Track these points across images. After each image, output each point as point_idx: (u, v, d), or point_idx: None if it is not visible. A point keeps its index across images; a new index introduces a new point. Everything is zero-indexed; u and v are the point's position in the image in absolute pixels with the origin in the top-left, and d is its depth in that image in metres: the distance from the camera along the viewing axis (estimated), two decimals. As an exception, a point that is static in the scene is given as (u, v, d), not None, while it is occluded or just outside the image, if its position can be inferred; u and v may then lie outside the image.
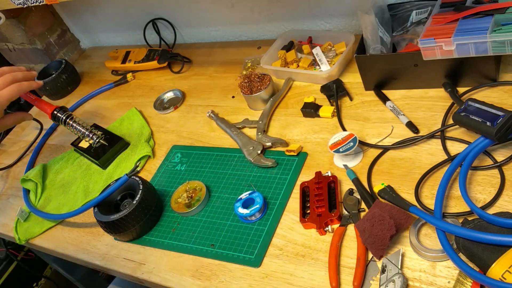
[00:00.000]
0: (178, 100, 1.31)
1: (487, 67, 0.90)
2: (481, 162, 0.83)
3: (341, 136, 0.91)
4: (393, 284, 0.71)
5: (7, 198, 1.27)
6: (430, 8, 1.00)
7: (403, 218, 0.76)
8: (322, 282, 0.77)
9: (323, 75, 1.10)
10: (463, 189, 0.75)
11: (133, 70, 1.50)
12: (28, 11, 1.59)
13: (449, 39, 0.84)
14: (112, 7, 1.59)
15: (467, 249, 0.68)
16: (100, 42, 1.77)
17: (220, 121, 1.16)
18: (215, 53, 1.42)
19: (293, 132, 1.06)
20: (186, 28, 1.52)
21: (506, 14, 0.82)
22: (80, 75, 1.62)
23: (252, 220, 0.91)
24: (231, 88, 1.26)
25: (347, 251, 0.80)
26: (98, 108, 1.44)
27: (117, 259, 0.98)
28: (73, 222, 1.11)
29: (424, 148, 0.89)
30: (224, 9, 1.38)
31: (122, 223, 0.95)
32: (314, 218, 0.84)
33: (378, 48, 0.99)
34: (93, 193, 1.15)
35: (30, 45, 1.66)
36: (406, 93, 1.01)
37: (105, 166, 1.20)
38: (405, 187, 0.84)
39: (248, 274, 0.84)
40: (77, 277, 1.62)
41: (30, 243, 1.13)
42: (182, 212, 0.98)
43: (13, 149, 1.45)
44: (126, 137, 1.24)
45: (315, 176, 0.91)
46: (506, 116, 0.76)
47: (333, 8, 1.22)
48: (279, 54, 1.21)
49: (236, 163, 1.05)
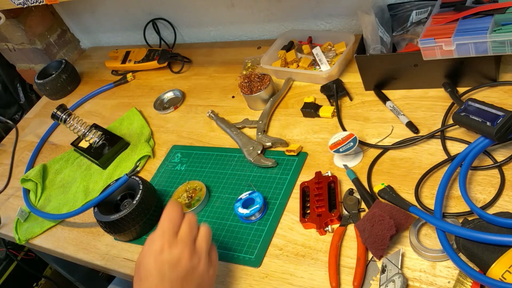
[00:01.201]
0: (178, 100, 1.31)
1: (487, 67, 0.90)
2: (481, 162, 0.83)
3: (341, 136, 0.91)
4: (393, 284, 0.71)
5: (7, 198, 1.27)
6: (430, 8, 1.00)
7: (403, 218, 0.76)
8: (322, 282, 0.77)
9: (323, 75, 1.10)
10: (463, 189, 0.75)
11: (133, 70, 1.50)
12: (28, 11, 1.59)
13: (449, 39, 0.84)
14: (112, 7, 1.59)
15: (467, 249, 0.68)
16: (100, 42, 1.77)
17: (220, 121, 1.16)
18: (215, 53, 1.42)
19: (293, 132, 1.06)
20: (186, 28, 1.52)
21: (506, 14, 0.82)
22: (80, 75, 1.62)
23: (252, 220, 0.91)
24: (231, 88, 1.26)
25: (347, 251, 0.80)
26: (98, 108, 1.44)
27: (117, 259, 0.98)
28: (73, 222, 1.11)
29: (424, 148, 0.89)
30: (224, 9, 1.38)
31: (122, 223, 0.95)
32: (314, 218, 0.84)
33: (378, 48, 0.99)
34: (93, 193, 1.15)
35: (30, 45, 1.66)
36: (406, 93, 1.01)
37: (105, 166, 1.20)
38: (405, 187, 0.84)
39: (248, 274, 0.84)
40: (77, 277, 1.62)
41: (30, 243, 1.13)
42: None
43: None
44: (126, 137, 1.24)
45: (315, 176, 0.91)
46: (506, 116, 0.76)
47: (333, 8, 1.22)
48: (279, 54, 1.21)
49: (236, 163, 1.05)
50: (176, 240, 0.69)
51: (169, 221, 0.70)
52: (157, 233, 0.69)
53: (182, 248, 0.68)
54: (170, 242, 0.68)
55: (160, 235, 0.69)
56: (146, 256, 0.68)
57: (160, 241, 0.68)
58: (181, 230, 0.70)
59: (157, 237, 0.69)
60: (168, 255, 0.67)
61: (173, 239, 0.69)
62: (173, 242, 0.68)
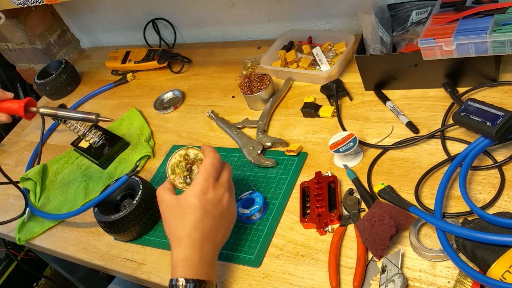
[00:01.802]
0: (178, 100, 1.31)
1: (487, 67, 0.90)
2: (481, 162, 0.83)
3: (341, 136, 0.91)
4: (393, 284, 0.71)
5: (7, 198, 1.27)
6: (430, 8, 1.00)
7: (403, 218, 0.76)
8: (322, 282, 0.77)
9: (323, 75, 1.10)
10: (463, 189, 0.75)
11: (133, 70, 1.50)
12: (28, 11, 1.59)
13: (449, 39, 0.84)
14: (112, 7, 1.59)
15: (467, 249, 0.68)
16: (100, 42, 1.77)
17: (220, 121, 1.16)
18: (215, 53, 1.42)
19: (293, 132, 1.06)
20: (186, 28, 1.52)
21: (506, 14, 0.82)
22: (80, 75, 1.62)
23: (252, 220, 0.91)
24: (231, 88, 1.26)
25: (347, 251, 0.80)
26: (98, 108, 1.44)
27: (117, 259, 0.98)
28: (73, 222, 1.11)
29: (424, 148, 0.89)
30: (224, 9, 1.38)
31: (122, 223, 0.95)
32: (314, 218, 0.84)
33: (378, 48, 0.99)
34: (93, 193, 1.15)
35: (30, 45, 1.66)
36: (406, 93, 1.01)
37: (105, 166, 1.20)
38: (405, 187, 0.84)
39: (248, 274, 0.84)
40: (77, 277, 1.62)
41: (30, 243, 1.13)
42: (181, 189, 0.86)
43: (13, 149, 1.45)
44: (126, 137, 1.24)
45: (315, 176, 0.91)
46: (506, 116, 0.76)
47: (333, 8, 1.22)
48: (279, 54, 1.21)
49: (236, 163, 1.05)
50: (218, 184, 0.81)
51: (211, 166, 0.81)
52: (201, 177, 0.79)
53: (223, 191, 0.81)
54: (213, 185, 0.80)
55: (205, 178, 0.79)
56: (190, 196, 0.78)
57: (205, 184, 0.79)
58: (223, 176, 0.82)
59: (201, 180, 0.79)
60: (212, 195, 0.79)
61: (215, 183, 0.80)
62: (216, 185, 0.80)
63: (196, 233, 0.77)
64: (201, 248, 0.76)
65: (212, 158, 0.81)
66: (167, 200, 0.81)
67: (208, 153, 0.82)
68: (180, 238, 0.77)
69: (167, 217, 0.80)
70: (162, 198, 0.82)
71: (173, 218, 0.79)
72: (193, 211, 0.77)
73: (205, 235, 0.77)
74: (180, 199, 0.79)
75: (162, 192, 0.82)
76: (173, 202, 0.80)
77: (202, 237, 0.77)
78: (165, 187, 0.83)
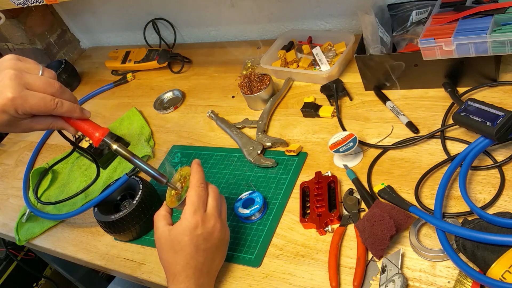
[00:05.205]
0: (178, 100, 1.31)
1: (487, 67, 0.90)
2: (481, 162, 0.83)
3: (341, 136, 0.91)
4: (393, 284, 0.71)
5: (7, 198, 1.27)
6: (430, 8, 1.00)
7: (403, 218, 0.76)
8: (322, 282, 0.77)
9: (323, 75, 1.10)
10: (463, 189, 0.75)
11: (133, 70, 1.50)
12: (28, 11, 1.59)
13: (449, 39, 0.84)
14: (112, 7, 1.59)
15: (467, 249, 0.68)
16: (100, 42, 1.77)
17: (220, 121, 1.16)
18: (215, 53, 1.42)
19: (293, 132, 1.06)
20: (186, 28, 1.52)
21: (506, 14, 0.82)
22: (80, 75, 1.62)
23: (252, 220, 0.91)
24: (231, 88, 1.26)
25: (347, 251, 0.80)
26: (98, 108, 1.44)
27: (117, 259, 0.98)
28: (73, 222, 1.11)
29: (424, 148, 0.89)
30: (224, 9, 1.38)
31: (122, 223, 0.95)
32: (314, 218, 0.84)
33: (378, 48, 0.99)
34: (93, 193, 1.15)
35: (30, 45, 1.66)
36: (406, 93, 1.01)
37: (105, 166, 1.20)
38: (405, 187, 0.84)
39: (248, 274, 0.84)
40: (77, 277, 1.63)
41: (30, 243, 1.13)
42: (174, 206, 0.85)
43: (13, 149, 1.45)
44: (126, 137, 1.24)
45: (315, 176, 0.91)
46: (506, 116, 0.76)
47: (333, 8, 1.22)
48: (279, 54, 1.21)
49: (236, 163, 1.05)
50: (207, 215, 0.77)
51: (198, 198, 0.77)
52: (189, 211, 0.76)
53: (213, 222, 0.78)
54: (202, 218, 0.76)
55: (193, 212, 0.76)
56: (180, 233, 0.76)
57: (194, 218, 0.76)
58: (209, 205, 0.79)
59: (189, 215, 0.76)
60: (202, 230, 0.76)
61: (204, 215, 0.77)
62: (205, 217, 0.77)
63: (189, 270, 0.76)
64: (196, 282, 0.76)
65: (195, 188, 0.78)
66: (160, 230, 0.79)
67: (192, 177, 0.79)
68: (174, 274, 0.76)
69: (160, 249, 0.79)
70: (156, 226, 0.80)
71: (165, 252, 0.78)
72: (184, 248, 0.76)
73: (198, 270, 0.76)
74: (171, 234, 0.77)
75: (157, 221, 0.81)
76: (165, 235, 0.78)
77: (195, 271, 0.76)
78: (160, 214, 0.81)
